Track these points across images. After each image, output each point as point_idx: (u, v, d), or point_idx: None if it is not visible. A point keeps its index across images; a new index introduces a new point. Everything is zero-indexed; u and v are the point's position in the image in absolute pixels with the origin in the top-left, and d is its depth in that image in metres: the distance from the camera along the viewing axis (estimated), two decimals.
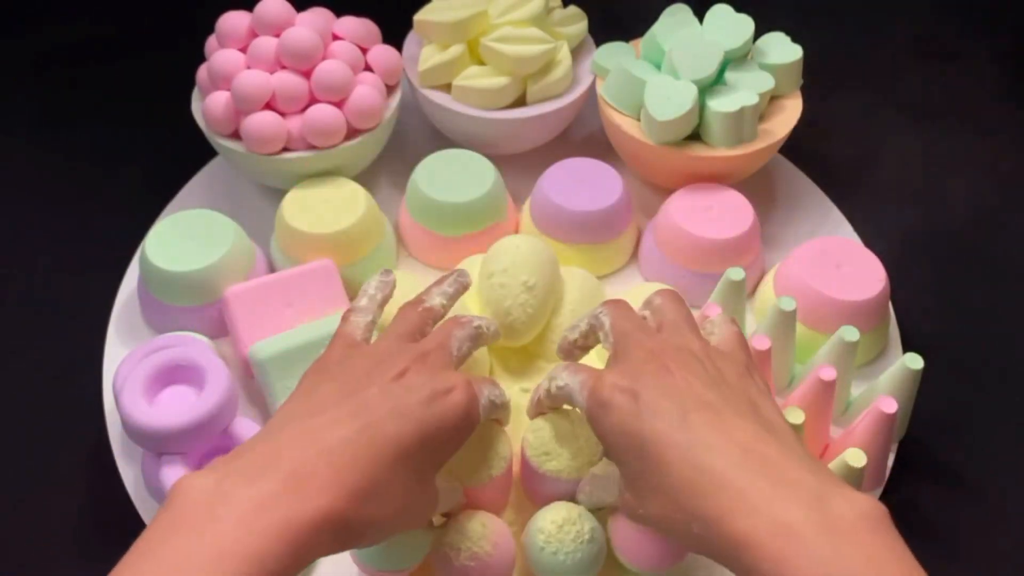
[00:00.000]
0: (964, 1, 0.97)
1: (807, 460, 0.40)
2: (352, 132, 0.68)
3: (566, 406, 0.52)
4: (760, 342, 0.57)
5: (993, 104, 0.88)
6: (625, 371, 0.44)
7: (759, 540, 0.36)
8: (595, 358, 0.63)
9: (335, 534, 0.39)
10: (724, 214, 0.66)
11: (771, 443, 0.40)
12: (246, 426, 0.56)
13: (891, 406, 0.54)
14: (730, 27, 0.69)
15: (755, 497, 0.37)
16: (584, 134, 0.79)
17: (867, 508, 0.37)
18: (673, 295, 0.50)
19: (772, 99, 0.71)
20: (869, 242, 0.71)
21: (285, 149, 0.67)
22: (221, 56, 0.66)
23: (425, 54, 0.72)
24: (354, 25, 0.70)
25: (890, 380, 0.58)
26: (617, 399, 0.43)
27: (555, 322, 0.64)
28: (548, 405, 0.51)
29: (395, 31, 0.74)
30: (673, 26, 0.70)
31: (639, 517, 0.44)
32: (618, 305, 0.49)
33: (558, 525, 0.51)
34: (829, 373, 0.56)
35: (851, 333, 0.58)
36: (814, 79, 0.72)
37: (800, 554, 0.35)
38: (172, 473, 0.53)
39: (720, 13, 0.70)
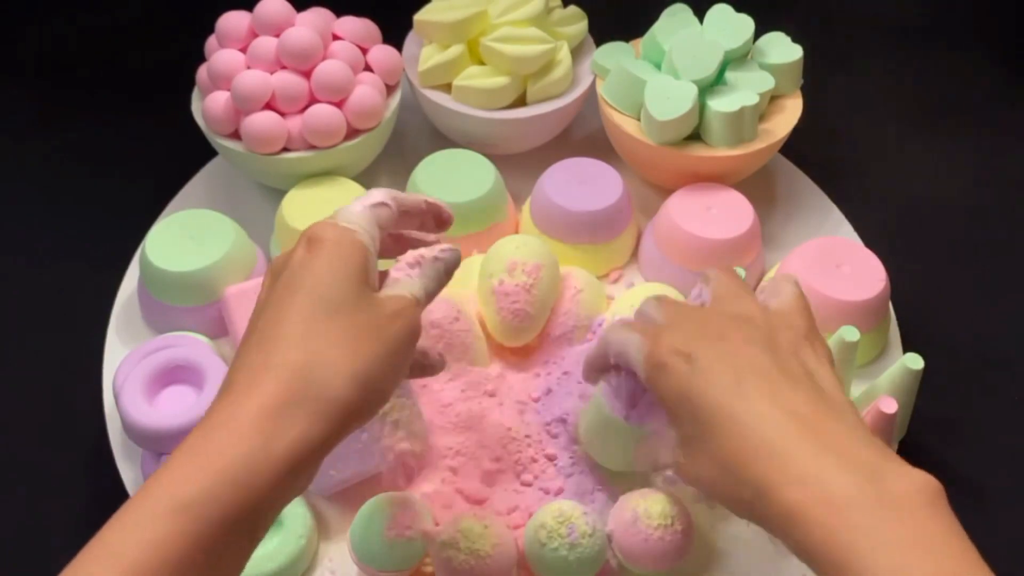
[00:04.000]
0: (966, 2, 0.97)
1: (862, 432, 0.39)
2: (352, 132, 0.68)
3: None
4: None
5: (994, 104, 0.88)
6: (682, 335, 0.43)
7: (808, 511, 0.36)
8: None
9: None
10: (724, 214, 0.66)
11: (825, 413, 0.39)
12: None
13: (891, 406, 0.54)
14: (730, 27, 0.69)
15: (805, 466, 0.37)
16: (584, 134, 0.79)
17: (922, 483, 0.36)
18: (728, 269, 0.48)
19: (772, 99, 0.71)
20: (869, 242, 0.71)
21: (285, 149, 0.67)
22: (221, 56, 0.66)
23: (425, 54, 0.72)
24: (354, 25, 0.70)
25: (890, 380, 0.58)
26: (673, 361, 0.41)
27: (555, 322, 0.64)
28: (601, 366, 0.49)
29: (395, 31, 0.74)
30: (673, 26, 0.70)
31: (691, 479, 0.42)
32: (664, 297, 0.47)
33: (559, 521, 0.51)
34: None
35: (851, 333, 0.58)
36: (814, 79, 0.72)
37: (850, 526, 0.35)
38: None
39: (720, 13, 0.70)
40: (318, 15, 0.68)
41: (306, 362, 0.37)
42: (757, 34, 0.70)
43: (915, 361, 0.57)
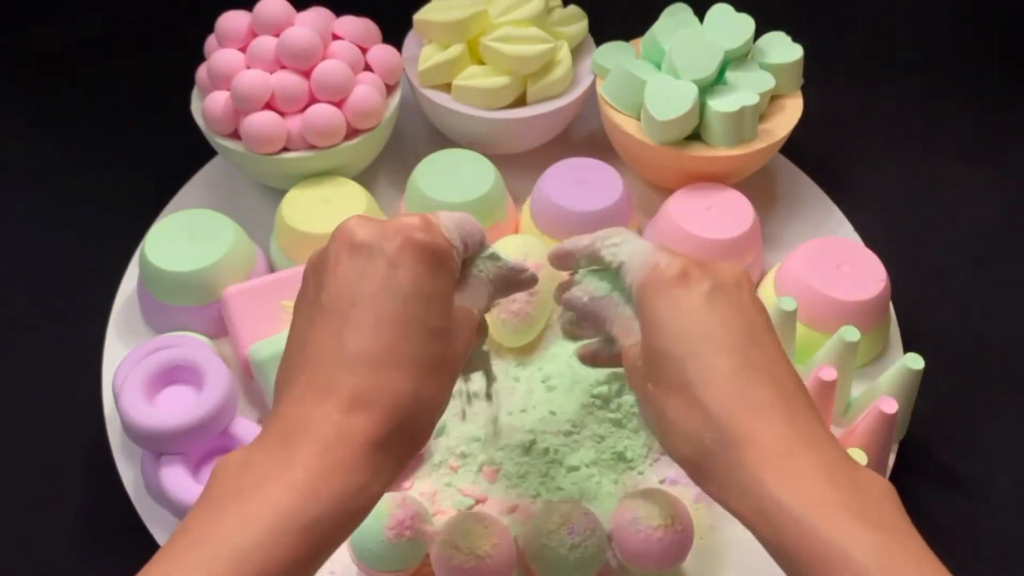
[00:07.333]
0: (966, 2, 0.97)
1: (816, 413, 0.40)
2: (352, 132, 0.68)
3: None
4: None
5: (994, 104, 0.88)
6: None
7: (792, 511, 0.36)
8: None
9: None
10: (724, 214, 0.66)
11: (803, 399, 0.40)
12: (246, 426, 0.56)
13: (891, 406, 0.54)
14: (730, 27, 0.69)
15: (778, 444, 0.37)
16: (584, 134, 0.79)
17: (887, 486, 0.38)
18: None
19: (772, 99, 0.71)
20: (869, 242, 0.70)
21: (285, 149, 0.67)
22: (221, 56, 0.66)
23: (425, 54, 0.72)
24: (354, 25, 0.70)
25: (890, 380, 0.58)
26: (695, 273, 0.41)
27: (555, 322, 0.64)
28: (585, 263, 0.48)
29: (395, 31, 0.74)
30: (673, 26, 0.70)
31: (642, 389, 0.42)
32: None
33: (559, 521, 0.51)
34: (829, 373, 0.56)
35: (851, 333, 0.58)
36: (815, 79, 0.72)
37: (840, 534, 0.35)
38: (171, 473, 0.53)
39: (720, 12, 0.70)
40: (318, 15, 0.68)
41: (414, 393, 0.36)
42: (757, 34, 0.70)
43: (915, 361, 0.57)
